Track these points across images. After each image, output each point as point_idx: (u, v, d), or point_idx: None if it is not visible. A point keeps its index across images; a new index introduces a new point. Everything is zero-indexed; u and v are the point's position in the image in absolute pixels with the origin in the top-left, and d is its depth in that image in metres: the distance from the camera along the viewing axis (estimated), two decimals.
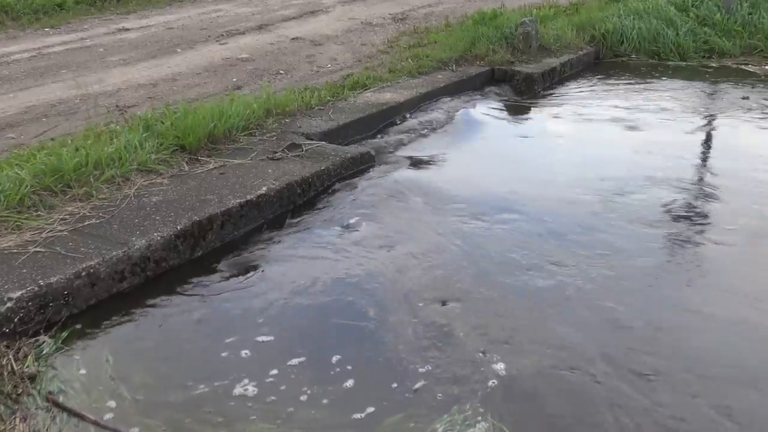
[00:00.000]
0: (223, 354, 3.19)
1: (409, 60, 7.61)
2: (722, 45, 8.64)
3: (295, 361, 3.12)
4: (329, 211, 4.56)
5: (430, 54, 7.78)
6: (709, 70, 8.19)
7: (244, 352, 3.20)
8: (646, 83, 7.65)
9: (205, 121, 5.11)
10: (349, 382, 2.98)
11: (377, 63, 7.66)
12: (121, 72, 7.45)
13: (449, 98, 6.85)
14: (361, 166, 5.20)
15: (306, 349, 3.20)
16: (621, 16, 9.04)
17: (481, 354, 3.12)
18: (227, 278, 3.82)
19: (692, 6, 9.40)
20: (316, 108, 6.07)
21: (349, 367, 3.07)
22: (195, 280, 3.79)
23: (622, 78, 7.90)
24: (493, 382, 2.94)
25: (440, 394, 2.89)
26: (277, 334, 3.32)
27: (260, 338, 3.29)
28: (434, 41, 8.41)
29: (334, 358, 3.12)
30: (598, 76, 8.02)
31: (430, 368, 3.04)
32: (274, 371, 3.05)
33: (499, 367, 3.02)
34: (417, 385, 2.94)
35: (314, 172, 4.82)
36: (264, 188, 4.48)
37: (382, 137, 5.92)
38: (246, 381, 3.00)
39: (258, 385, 2.98)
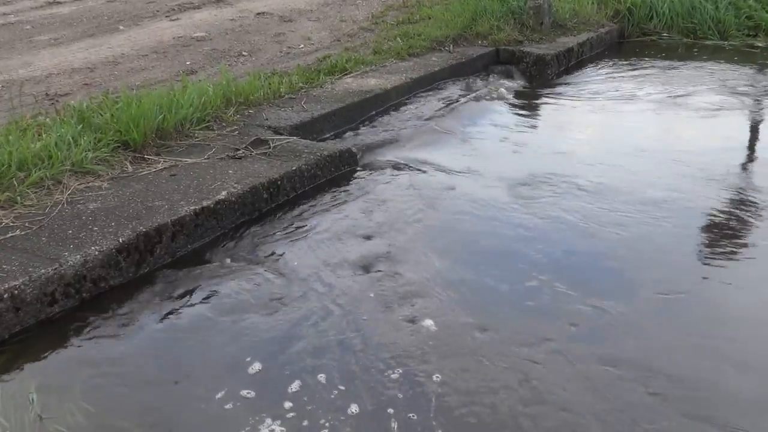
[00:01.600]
0: (169, 392, 3.20)
1: (398, 39, 7.68)
2: None
3: (247, 394, 3.13)
4: (298, 223, 4.57)
5: (422, 32, 7.84)
6: (755, 50, 8.28)
7: (195, 390, 3.20)
8: (682, 67, 7.74)
9: (153, 112, 5.12)
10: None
11: (359, 43, 7.72)
12: (51, 54, 7.45)
13: (446, 84, 6.92)
14: (340, 165, 5.23)
15: (276, 397, 3.21)
16: None
17: None
18: (176, 301, 3.82)
19: None
20: (287, 97, 6.11)
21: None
22: (139, 303, 3.79)
23: (653, 61, 7.98)
24: None
25: None
26: (220, 366, 3.33)
27: (208, 372, 3.30)
28: (427, 17, 8.50)
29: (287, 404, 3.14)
30: (624, 59, 8.11)
31: None
32: (220, 405, 3.06)
33: None
34: None
35: (284, 174, 4.84)
36: (223, 193, 4.49)
37: (365, 132, 5.95)
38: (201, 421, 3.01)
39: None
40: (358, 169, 5.30)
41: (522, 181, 5.05)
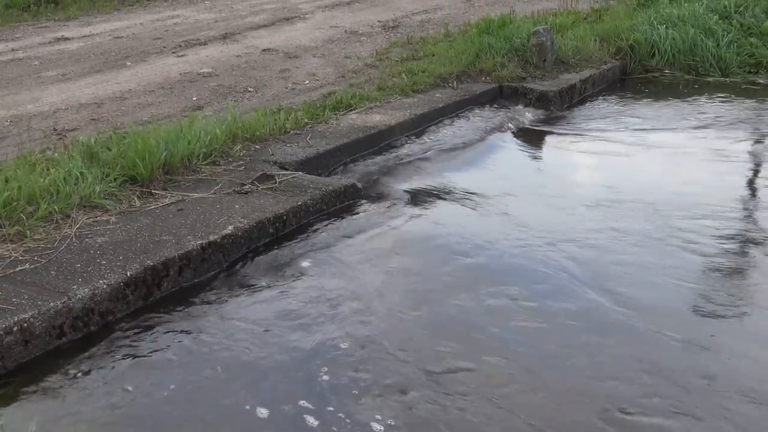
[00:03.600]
0: (177, 425, 3.24)
1: (402, 75, 7.78)
2: None
3: None
4: (302, 254, 4.64)
5: (426, 68, 7.95)
6: (756, 87, 8.38)
7: (204, 422, 3.25)
8: (684, 104, 7.82)
9: (160, 147, 5.21)
10: None
11: (364, 79, 7.83)
12: (59, 89, 7.57)
13: (449, 121, 7.01)
14: (345, 200, 5.30)
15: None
16: (652, 25, 9.26)
17: None
18: (182, 334, 3.87)
19: (735, 13, 9.64)
20: (292, 132, 6.20)
21: None
22: (145, 335, 3.84)
23: (654, 98, 8.08)
24: None
25: None
26: (229, 398, 3.38)
27: (217, 407, 3.34)
28: (431, 53, 8.61)
29: None
30: (626, 95, 8.21)
31: None
32: None
33: None
34: None
35: (290, 208, 4.92)
36: (230, 227, 4.56)
37: (370, 167, 6.03)
38: None
39: None
40: (362, 202, 5.37)
41: (515, 219, 5.14)
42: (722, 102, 7.86)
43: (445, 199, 5.51)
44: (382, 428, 3.17)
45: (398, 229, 5.00)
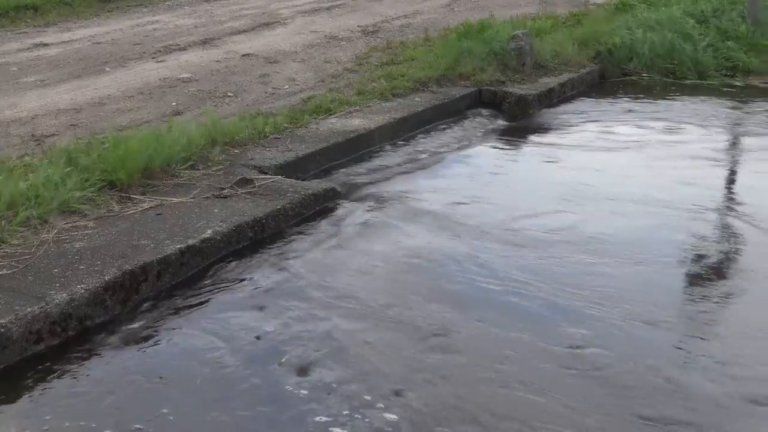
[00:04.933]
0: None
1: (382, 80, 7.80)
2: (747, 61, 8.92)
3: None
4: (280, 257, 4.65)
5: (406, 73, 7.98)
6: (732, 90, 8.45)
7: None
8: (661, 106, 7.88)
9: (139, 152, 5.21)
10: None
11: (344, 84, 7.84)
12: (37, 95, 7.55)
13: (429, 124, 7.03)
14: (324, 204, 5.32)
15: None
16: (630, 29, 9.33)
17: None
18: (160, 337, 3.87)
19: (713, 17, 9.73)
20: (271, 137, 6.21)
21: None
22: (123, 340, 3.84)
23: (632, 100, 8.13)
24: None
25: None
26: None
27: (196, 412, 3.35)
28: (411, 58, 8.63)
29: None
30: (605, 98, 8.26)
31: None
32: None
33: None
34: None
35: (269, 212, 4.93)
36: (209, 231, 4.57)
37: (349, 171, 6.05)
38: None
39: None
40: (342, 205, 5.39)
41: (494, 226, 5.17)
42: (699, 103, 7.94)
43: (421, 201, 5.52)
44: None
45: (376, 233, 5.02)
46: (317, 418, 3.25)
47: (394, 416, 3.25)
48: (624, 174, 6.10)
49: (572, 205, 5.43)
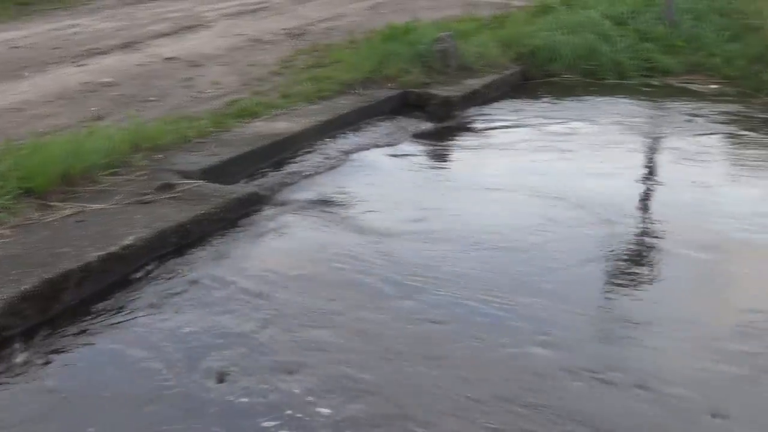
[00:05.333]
0: None
1: (307, 83, 7.79)
2: (664, 62, 9.16)
3: None
4: (204, 262, 4.61)
5: (332, 75, 7.98)
6: (650, 89, 8.68)
7: None
8: (582, 106, 8.05)
9: (58, 158, 5.11)
10: None
11: (269, 87, 7.81)
12: None
13: (355, 126, 7.05)
14: (249, 207, 5.29)
15: None
16: (551, 31, 9.49)
17: None
18: (80, 345, 3.81)
19: (630, 19, 9.97)
20: (195, 141, 6.15)
21: None
22: (42, 349, 3.77)
23: (555, 100, 8.28)
24: None
25: None
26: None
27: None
28: (337, 60, 8.64)
29: None
30: (527, 99, 8.38)
31: None
32: None
33: None
34: None
35: (192, 217, 4.88)
36: (131, 238, 4.50)
37: (275, 174, 6.02)
38: None
39: None
40: (266, 209, 5.36)
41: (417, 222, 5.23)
42: (618, 102, 8.15)
43: (343, 204, 5.54)
44: None
45: (298, 236, 5.02)
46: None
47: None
48: (537, 171, 6.22)
49: (478, 205, 5.55)
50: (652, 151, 6.83)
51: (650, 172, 6.23)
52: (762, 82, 8.51)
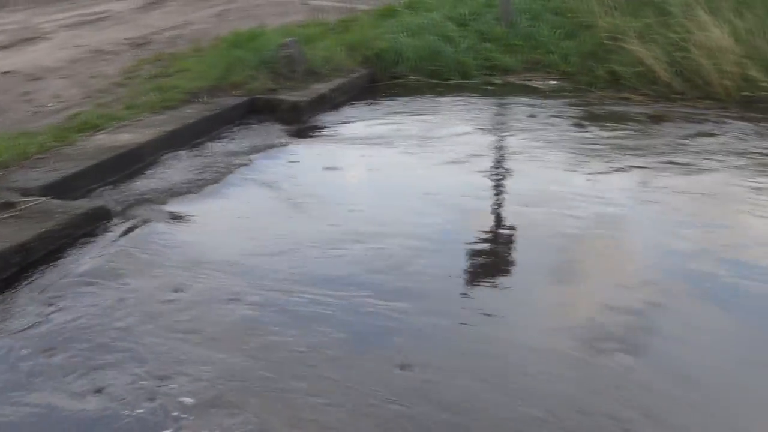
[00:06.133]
0: None
1: (152, 93, 7.69)
2: (504, 61, 9.49)
3: None
4: (50, 284, 4.52)
5: (177, 85, 7.91)
6: (492, 87, 8.99)
7: None
8: (427, 105, 8.26)
9: None
10: None
11: (112, 98, 7.67)
12: None
13: (203, 135, 7.00)
14: (96, 223, 5.19)
15: None
16: (395, 34, 9.69)
17: None
18: None
19: (471, 20, 10.29)
20: (36, 157, 6.00)
21: None
22: None
23: (400, 101, 8.45)
24: None
25: None
26: None
27: None
28: (182, 69, 8.56)
29: None
30: (374, 101, 8.53)
31: None
32: None
33: None
34: None
35: (35, 235, 4.76)
36: None
37: (121, 188, 5.91)
38: None
39: None
40: (113, 223, 5.29)
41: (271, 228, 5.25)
42: (462, 101, 8.41)
43: (186, 214, 5.51)
44: None
45: (144, 250, 4.95)
46: None
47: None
48: (380, 170, 6.42)
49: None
50: (495, 144, 7.10)
51: (494, 164, 6.50)
52: (596, 77, 8.93)
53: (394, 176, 6.23)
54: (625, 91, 8.55)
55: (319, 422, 3.29)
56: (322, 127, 7.57)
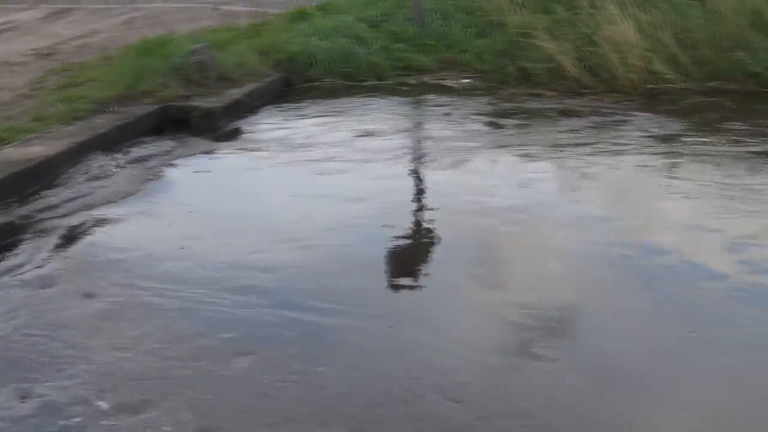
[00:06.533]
0: None
1: (60, 104, 7.52)
2: (418, 61, 9.57)
3: None
4: None
5: (86, 95, 7.75)
6: (407, 87, 9.06)
7: None
8: (341, 108, 8.27)
9: None
10: None
11: (19, 110, 7.48)
12: None
13: (115, 145, 6.85)
14: (5, 240, 5.06)
15: None
16: (307, 37, 9.67)
17: None
18: None
19: (383, 21, 10.33)
20: None
21: None
22: None
23: (315, 104, 8.45)
24: None
25: None
26: None
27: None
28: (91, 79, 8.41)
29: None
30: (289, 105, 8.50)
31: None
32: None
33: None
34: None
35: None
36: None
37: (31, 203, 5.75)
38: None
39: None
40: (23, 239, 5.16)
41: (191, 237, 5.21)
42: (378, 100, 8.47)
43: (103, 227, 5.41)
44: None
45: (55, 265, 4.84)
46: None
47: None
48: (292, 175, 6.43)
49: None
50: (411, 141, 7.18)
51: (412, 160, 6.62)
52: (507, 75, 9.09)
53: (310, 181, 6.22)
54: (536, 88, 8.72)
55: None
56: (238, 134, 7.51)
